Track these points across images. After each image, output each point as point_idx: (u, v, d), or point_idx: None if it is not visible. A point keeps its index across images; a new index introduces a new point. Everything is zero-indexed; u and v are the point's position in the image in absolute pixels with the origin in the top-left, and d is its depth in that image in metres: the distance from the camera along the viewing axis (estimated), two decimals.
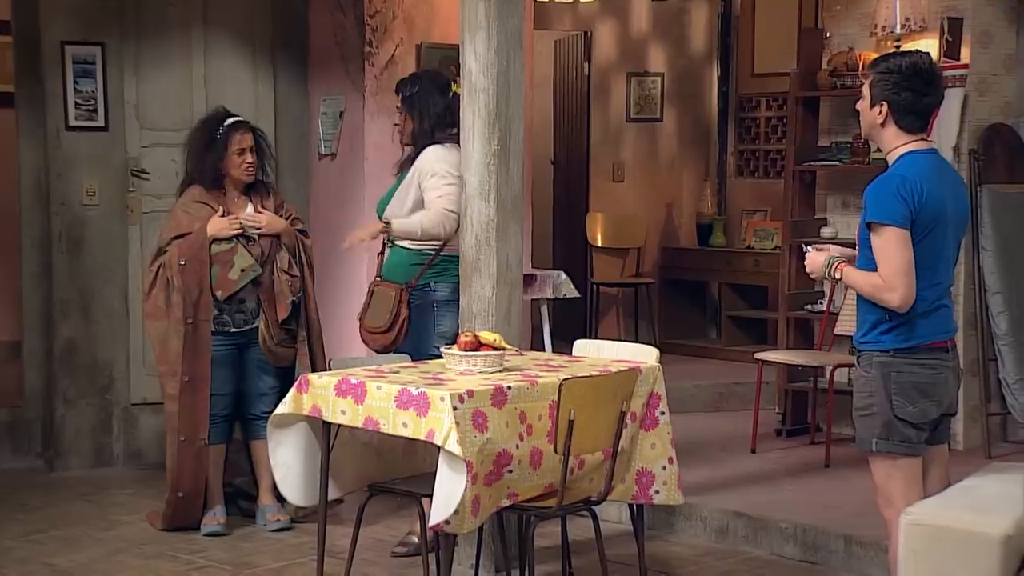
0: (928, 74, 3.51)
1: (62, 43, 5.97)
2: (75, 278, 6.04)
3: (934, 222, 3.44)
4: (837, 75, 6.18)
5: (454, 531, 3.75)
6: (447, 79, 4.89)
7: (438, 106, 4.81)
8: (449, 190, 4.69)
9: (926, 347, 3.50)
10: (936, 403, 3.53)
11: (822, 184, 6.47)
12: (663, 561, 4.58)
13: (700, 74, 8.94)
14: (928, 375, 3.50)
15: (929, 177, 3.46)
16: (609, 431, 3.88)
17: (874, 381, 3.51)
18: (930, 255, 3.45)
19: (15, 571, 4.61)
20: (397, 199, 4.82)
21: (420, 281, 4.74)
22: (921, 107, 3.51)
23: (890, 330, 3.48)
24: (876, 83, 3.53)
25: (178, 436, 4.98)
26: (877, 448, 3.53)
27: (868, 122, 3.58)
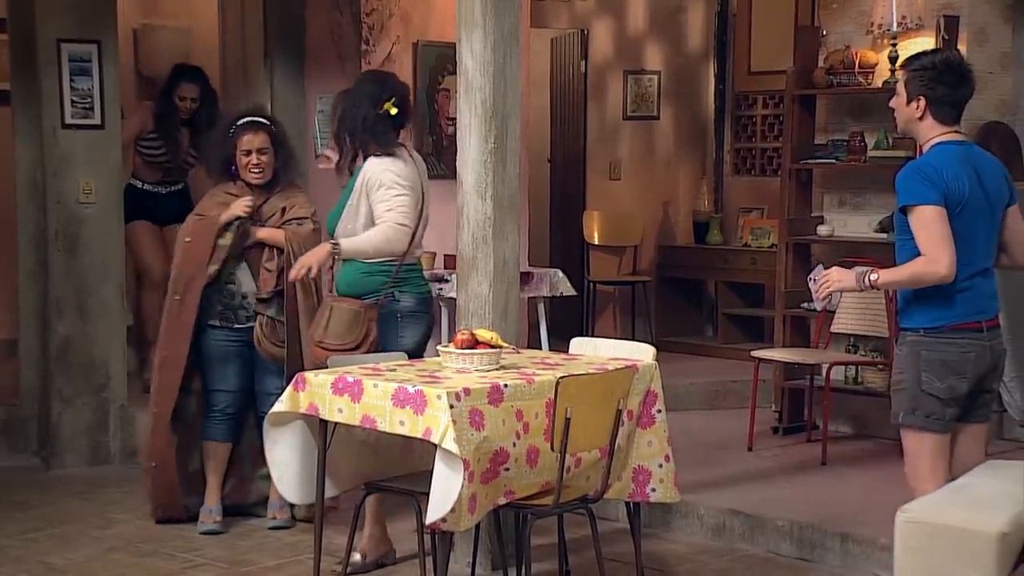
0: (960, 68, 3.74)
1: (58, 41, 5.96)
2: (71, 276, 6.03)
3: (959, 205, 3.62)
4: (833, 73, 6.18)
5: (451, 529, 3.75)
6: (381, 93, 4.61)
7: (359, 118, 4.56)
8: (399, 201, 4.48)
9: (956, 327, 3.68)
10: (965, 380, 3.70)
11: (819, 182, 6.47)
12: (660, 559, 4.58)
13: (697, 72, 8.94)
14: (957, 353, 3.68)
15: (953, 163, 3.65)
16: (606, 429, 3.89)
17: (906, 359, 3.73)
18: (956, 237, 3.60)
19: (11, 569, 4.60)
20: (348, 214, 4.58)
21: (384, 293, 4.55)
22: (955, 99, 3.72)
23: (920, 310, 3.68)
24: (912, 79, 3.73)
25: (152, 407, 5.06)
26: (903, 421, 3.73)
27: (905, 116, 3.78)
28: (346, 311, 4.51)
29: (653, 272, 8.75)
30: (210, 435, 5.07)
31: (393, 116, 4.57)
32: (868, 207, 6.30)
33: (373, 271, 4.54)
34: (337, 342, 4.49)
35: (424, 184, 4.65)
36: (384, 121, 4.56)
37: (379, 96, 4.59)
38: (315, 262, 4.49)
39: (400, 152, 4.58)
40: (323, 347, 4.52)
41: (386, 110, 4.57)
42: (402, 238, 4.47)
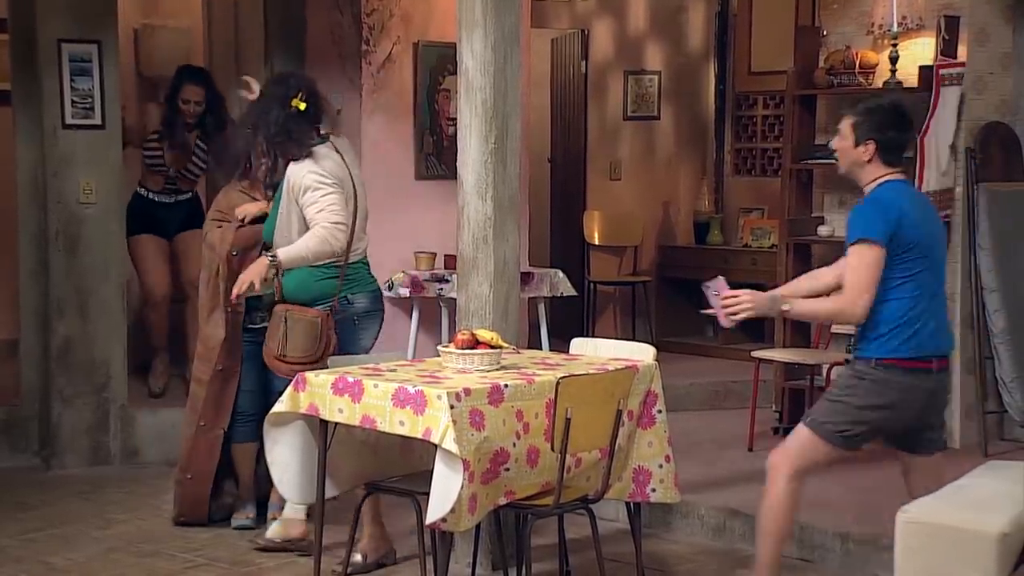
0: (906, 114, 3.90)
1: (59, 41, 5.96)
2: (72, 276, 6.03)
3: (914, 241, 3.75)
4: (834, 73, 6.18)
5: (451, 529, 3.75)
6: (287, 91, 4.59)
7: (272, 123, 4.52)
8: (328, 200, 4.43)
9: (909, 365, 3.77)
10: (901, 419, 3.83)
11: (819, 182, 6.47)
12: (660, 559, 4.58)
13: (697, 72, 8.94)
14: (903, 392, 3.78)
15: (907, 199, 3.82)
16: (606, 429, 3.89)
17: (852, 377, 3.83)
18: (920, 273, 3.76)
19: (12, 569, 4.61)
20: (281, 224, 4.54)
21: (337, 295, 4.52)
22: (902, 143, 3.89)
23: (878, 341, 3.77)
24: (860, 124, 3.85)
25: (199, 420, 4.97)
26: (812, 426, 3.84)
27: (852, 159, 3.88)
28: (304, 322, 4.47)
29: (653, 272, 8.75)
30: (239, 437, 5.01)
31: (304, 111, 4.54)
32: None
33: (321, 276, 4.51)
34: (299, 354, 4.45)
35: (354, 177, 4.61)
36: (296, 119, 4.54)
37: (285, 95, 4.58)
38: (255, 277, 4.44)
39: (320, 150, 4.53)
40: (285, 361, 4.49)
41: (295, 107, 4.54)
42: (338, 236, 4.43)
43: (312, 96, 4.60)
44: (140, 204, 6.39)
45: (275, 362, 4.54)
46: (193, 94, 6.25)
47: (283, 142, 4.54)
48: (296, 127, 4.53)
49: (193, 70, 6.42)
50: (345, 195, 4.50)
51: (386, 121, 6.55)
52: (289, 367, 4.43)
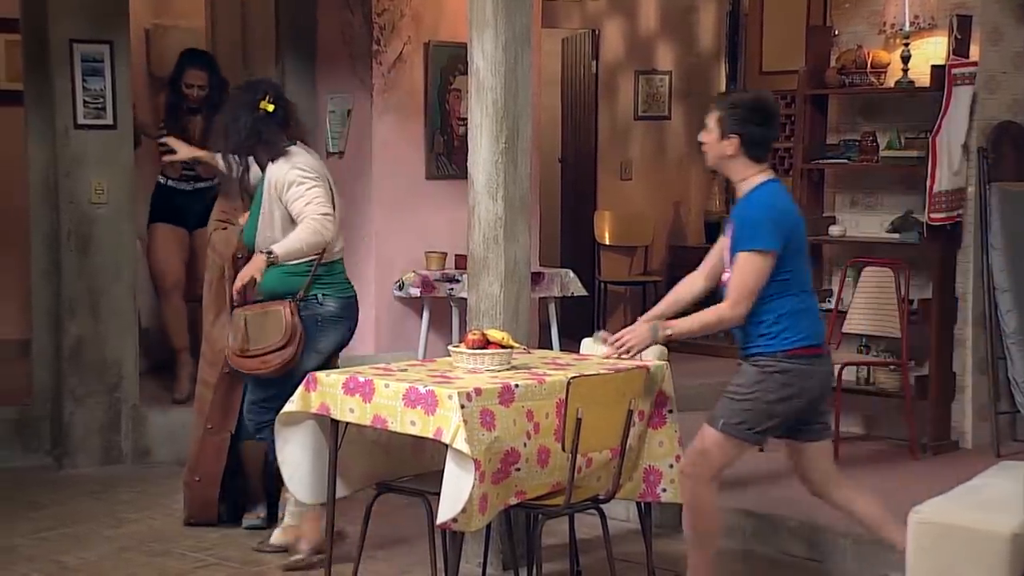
0: (771, 109, 3.92)
1: (71, 41, 5.98)
2: (83, 276, 6.05)
3: (797, 239, 3.87)
4: (846, 73, 6.16)
5: (461, 529, 3.75)
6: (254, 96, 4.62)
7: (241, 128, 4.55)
8: (314, 193, 4.47)
9: (809, 352, 3.85)
10: (804, 401, 3.88)
11: (830, 182, 6.46)
12: (671, 559, 4.57)
13: (708, 72, 8.93)
14: (807, 377, 3.85)
15: (787, 201, 3.92)
16: (617, 429, 3.88)
17: (755, 375, 3.85)
18: (799, 267, 3.87)
19: (24, 568, 4.62)
20: (264, 224, 4.56)
21: (307, 293, 4.53)
22: (767, 139, 3.91)
23: (781, 335, 3.82)
24: (725, 118, 3.88)
25: (206, 423, 4.98)
26: (723, 428, 3.87)
27: (716, 153, 3.93)
28: (264, 315, 4.48)
29: (664, 272, 8.73)
30: (247, 435, 5.00)
31: (272, 113, 4.57)
32: (880, 207, 6.28)
33: (296, 271, 4.53)
34: (264, 343, 4.45)
35: (329, 178, 4.65)
36: (265, 121, 4.57)
37: (252, 100, 4.61)
38: (256, 272, 4.47)
39: (293, 149, 4.57)
40: (244, 355, 4.49)
41: (263, 109, 4.57)
42: (328, 226, 4.47)
43: (280, 100, 4.64)
44: (160, 192, 6.37)
45: (238, 359, 4.54)
46: (196, 78, 6.17)
47: (253, 145, 4.58)
48: (265, 129, 4.56)
49: (196, 53, 6.38)
50: (326, 189, 4.54)
51: (397, 121, 6.55)
52: (254, 360, 4.46)
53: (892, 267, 5.93)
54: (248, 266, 4.52)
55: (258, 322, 4.49)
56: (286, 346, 4.44)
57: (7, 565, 4.65)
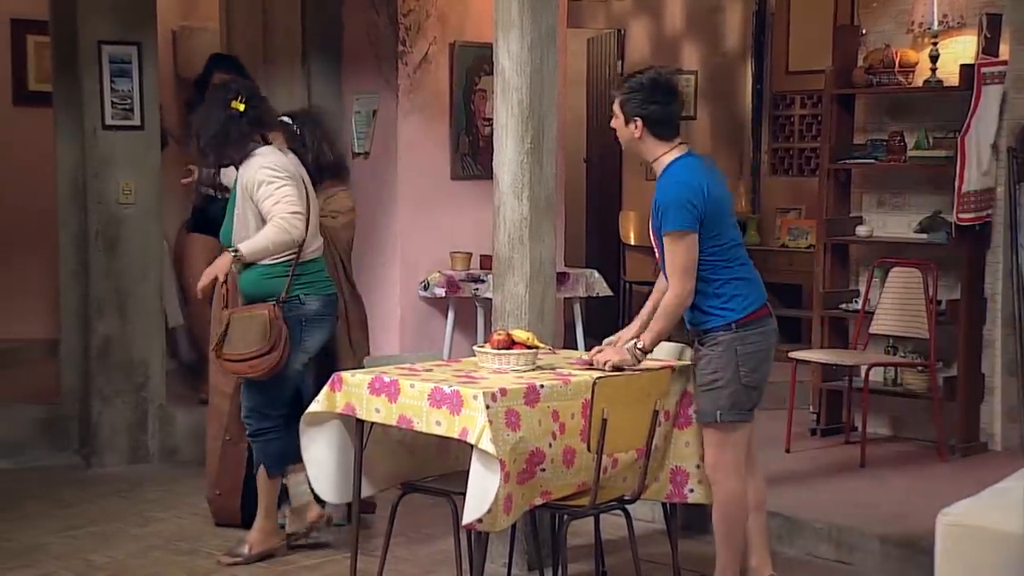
0: (668, 85, 3.97)
1: (99, 43, 6.02)
2: (111, 277, 6.09)
3: (719, 209, 3.92)
4: (873, 72, 6.13)
5: (487, 529, 3.75)
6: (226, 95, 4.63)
7: (211, 127, 4.56)
8: (284, 192, 4.46)
9: (758, 315, 3.97)
10: (768, 367, 4.01)
11: (857, 182, 6.42)
12: (697, 560, 4.56)
13: (734, 72, 8.90)
14: (766, 339, 3.98)
15: (703, 175, 3.94)
16: (643, 430, 3.87)
17: (721, 356, 3.92)
18: (729, 235, 3.94)
19: (53, 566, 4.65)
20: (238, 224, 4.57)
21: (289, 294, 4.53)
22: (669, 115, 3.95)
23: (725, 307, 3.91)
24: (626, 102, 3.94)
25: (223, 435, 4.98)
26: (721, 419, 3.92)
27: (626, 138, 4.00)
28: (250, 318, 4.48)
29: None
30: None
31: (243, 112, 4.56)
32: (908, 207, 6.24)
33: (275, 273, 4.53)
34: (248, 348, 4.45)
35: (304, 179, 4.64)
36: (236, 121, 4.56)
37: (224, 98, 4.61)
38: (219, 271, 4.48)
39: (263, 149, 4.57)
40: (231, 359, 4.49)
41: (234, 108, 4.57)
42: (297, 224, 4.46)
43: (253, 99, 4.64)
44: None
45: (224, 362, 4.54)
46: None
47: (221, 144, 4.58)
48: (234, 128, 4.56)
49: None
50: (297, 188, 4.54)
51: (422, 121, 6.55)
52: (241, 365, 4.47)
53: (920, 268, 5.89)
54: (212, 265, 4.54)
55: (242, 325, 4.49)
56: (271, 350, 4.45)
57: (36, 562, 4.69)
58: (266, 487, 4.66)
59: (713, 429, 3.98)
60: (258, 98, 4.68)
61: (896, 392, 6.10)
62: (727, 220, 3.99)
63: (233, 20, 6.68)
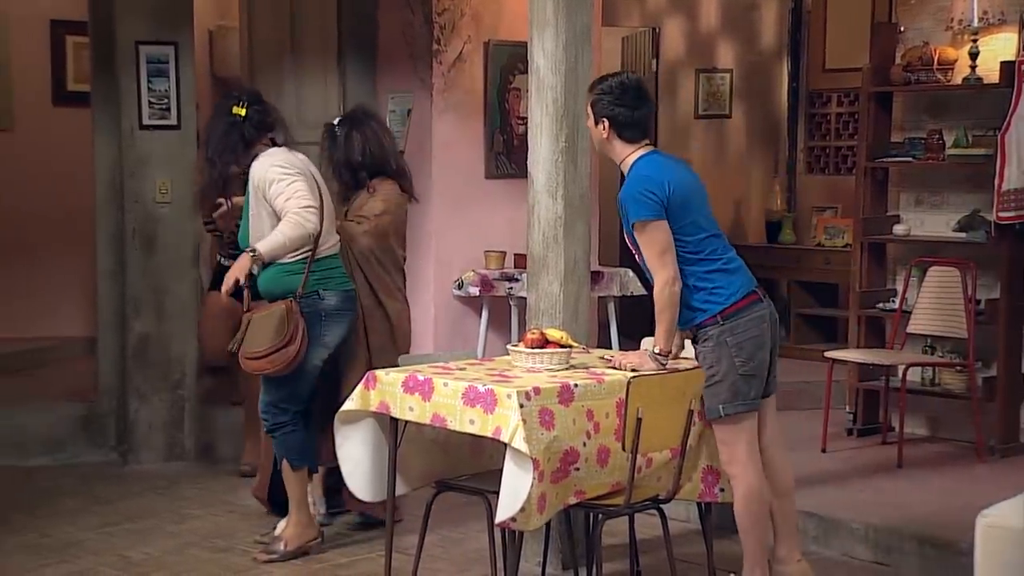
0: (635, 90, 4.00)
1: (136, 43, 6.06)
2: (148, 275, 6.13)
3: (686, 200, 3.94)
4: (911, 70, 6.07)
5: (520, 528, 3.74)
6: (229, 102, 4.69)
7: (214, 134, 4.65)
8: (295, 188, 4.50)
9: (744, 303, 3.95)
10: (767, 349, 4.00)
11: (895, 180, 6.37)
12: (732, 560, 4.53)
13: (770, 70, 8.85)
14: (756, 326, 3.96)
15: (663, 168, 3.97)
16: (677, 429, 3.86)
17: (713, 351, 3.94)
18: (702, 227, 3.97)
19: (90, 562, 4.69)
20: (254, 225, 4.62)
21: (307, 289, 4.57)
22: (636, 119, 3.98)
23: (708, 300, 3.93)
24: (595, 103, 4.01)
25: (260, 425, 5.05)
26: (724, 412, 3.94)
27: (596, 138, 4.07)
28: (267, 316, 4.51)
29: None
30: None
31: (246, 116, 4.62)
32: (946, 206, 6.19)
33: (292, 270, 4.57)
34: (265, 344, 4.48)
35: (316, 176, 4.68)
36: (238, 125, 4.63)
37: (227, 106, 4.68)
38: (240, 272, 4.52)
39: (271, 149, 4.62)
40: (251, 357, 4.53)
41: (236, 114, 4.63)
42: (311, 218, 4.50)
43: (255, 104, 4.70)
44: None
45: (247, 362, 4.57)
46: None
47: (225, 151, 4.65)
48: (237, 132, 4.63)
49: None
50: (308, 183, 4.57)
51: (456, 120, 6.56)
52: (260, 362, 4.50)
53: (958, 267, 5.83)
54: (233, 267, 4.58)
55: (260, 324, 4.53)
56: (288, 344, 4.49)
57: (74, 558, 4.73)
58: (292, 480, 4.68)
59: (720, 425, 3.98)
60: (260, 102, 4.74)
61: (934, 392, 6.05)
62: (699, 212, 4.00)
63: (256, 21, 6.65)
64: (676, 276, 3.91)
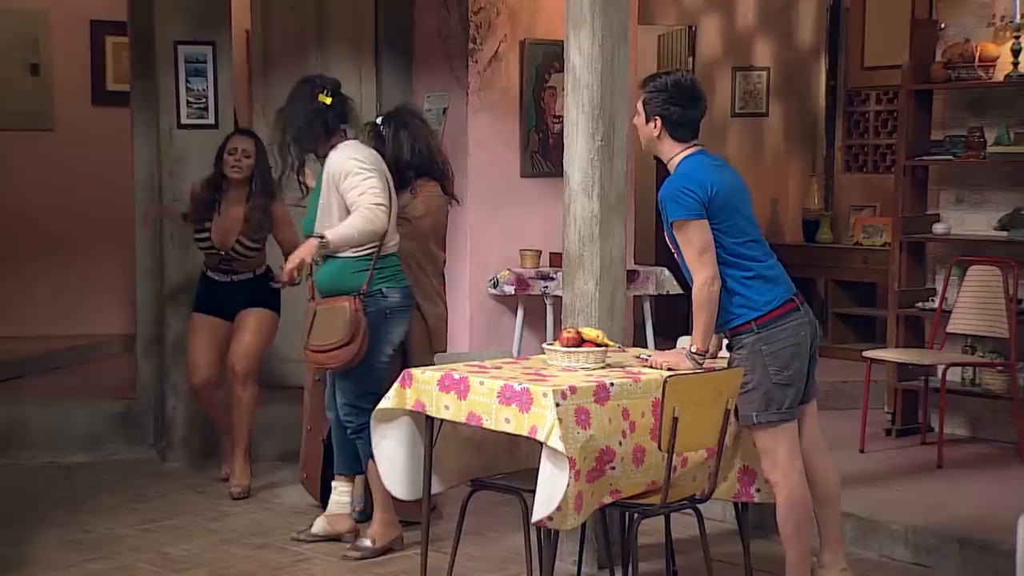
0: (691, 89, 3.99)
1: (175, 43, 6.10)
2: (186, 273, 6.16)
3: (728, 204, 3.91)
4: (952, 67, 6.01)
5: (556, 527, 3.74)
6: (313, 89, 4.67)
7: (297, 120, 4.62)
8: (369, 184, 4.51)
9: (781, 311, 3.90)
10: (803, 358, 3.93)
11: (935, 179, 6.31)
12: (769, 560, 4.51)
13: (807, 68, 8.79)
14: (792, 335, 3.90)
15: (707, 169, 3.94)
16: (714, 429, 3.84)
17: (748, 358, 3.89)
18: (742, 229, 3.94)
19: (130, 558, 4.73)
20: (322, 213, 4.59)
21: (371, 287, 4.58)
22: (688, 119, 3.97)
23: (744, 307, 3.89)
24: (648, 101, 3.97)
25: (307, 426, 5.16)
26: (758, 420, 3.90)
27: (646, 136, 4.03)
28: (330, 311, 4.54)
29: None
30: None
31: (331, 105, 4.62)
32: (988, 204, 6.12)
33: (356, 267, 4.57)
34: (328, 340, 4.52)
35: (386, 173, 4.68)
36: (323, 114, 4.62)
37: (311, 93, 4.66)
38: (307, 254, 4.49)
39: (350, 142, 4.64)
40: (314, 350, 4.56)
41: (321, 102, 4.62)
42: (381, 216, 4.51)
43: (337, 94, 4.70)
44: (202, 282, 5.73)
45: (308, 353, 4.62)
46: (241, 142, 5.56)
47: (307, 137, 4.64)
48: (321, 121, 4.63)
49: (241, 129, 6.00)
50: (382, 182, 4.58)
51: (492, 119, 6.56)
52: (323, 355, 4.54)
53: (1000, 266, 5.77)
54: (299, 249, 4.56)
55: (325, 317, 4.56)
56: (350, 342, 4.51)
57: (113, 554, 4.77)
58: (378, 481, 4.67)
59: (759, 433, 3.94)
60: (341, 93, 4.74)
61: (974, 392, 5.99)
62: (741, 216, 3.96)
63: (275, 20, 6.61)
64: (715, 275, 3.88)
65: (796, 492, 3.94)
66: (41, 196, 7.99)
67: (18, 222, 7.97)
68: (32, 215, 7.98)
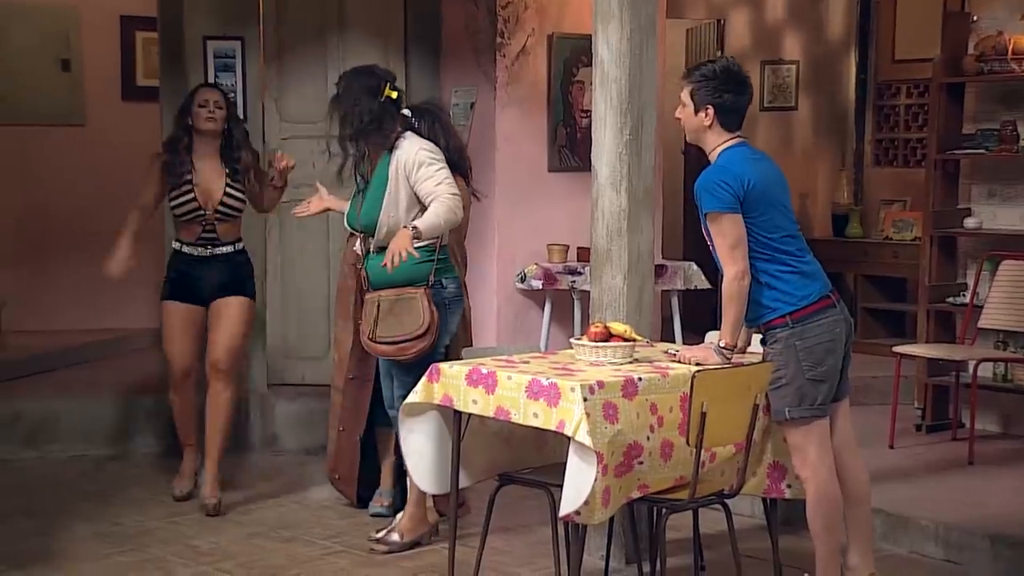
0: (740, 76, 3.94)
1: (204, 38, 6.13)
2: None
3: (765, 197, 3.88)
4: (984, 60, 5.96)
5: (584, 522, 3.74)
6: (378, 81, 4.63)
7: (364, 113, 4.55)
8: (444, 174, 4.53)
9: (817, 307, 3.87)
10: (837, 355, 3.89)
11: (966, 173, 6.26)
12: (798, 556, 4.49)
13: (837, 61, 8.72)
14: (828, 332, 3.86)
15: (745, 162, 3.90)
16: (742, 424, 3.82)
17: (782, 353, 3.86)
18: (779, 224, 3.90)
19: (159, 551, 4.76)
20: (388, 204, 4.55)
21: (435, 279, 4.60)
22: (739, 106, 3.93)
23: (780, 302, 3.86)
24: (698, 90, 3.91)
25: (339, 426, 5.10)
26: (790, 416, 3.87)
27: (694, 126, 3.96)
28: (400, 301, 4.51)
29: None
30: (382, 423, 5.05)
31: (395, 100, 4.61)
32: (1020, 199, 6.07)
33: (423, 258, 4.54)
34: (403, 331, 4.49)
35: None
36: (388, 107, 4.60)
37: (375, 85, 4.63)
38: (406, 246, 4.40)
39: (410, 135, 4.62)
40: (385, 342, 4.52)
41: (387, 96, 4.59)
42: (460, 205, 4.53)
43: (397, 88, 4.70)
44: (174, 260, 5.44)
45: (371, 344, 4.57)
46: (211, 93, 5.33)
47: (373, 132, 4.61)
48: (389, 117, 4.62)
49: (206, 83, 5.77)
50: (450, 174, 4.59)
51: (520, 113, 6.55)
52: (394, 347, 4.51)
53: None
54: (396, 241, 4.43)
55: (393, 308, 4.54)
56: (424, 335, 4.51)
57: (143, 547, 4.80)
58: None
59: (790, 428, 3.91)
60: (398, 88, 4.74)
61: (1006, 388, 5.94)
62: (779, 210, 3.93)
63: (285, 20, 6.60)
64: (746, 270, 3.85)
65: (825, 488, 3.92)
66: (72, 190, 8.04)
67: (49, 216, 8.03)
68: (63, 209, 8.03)
